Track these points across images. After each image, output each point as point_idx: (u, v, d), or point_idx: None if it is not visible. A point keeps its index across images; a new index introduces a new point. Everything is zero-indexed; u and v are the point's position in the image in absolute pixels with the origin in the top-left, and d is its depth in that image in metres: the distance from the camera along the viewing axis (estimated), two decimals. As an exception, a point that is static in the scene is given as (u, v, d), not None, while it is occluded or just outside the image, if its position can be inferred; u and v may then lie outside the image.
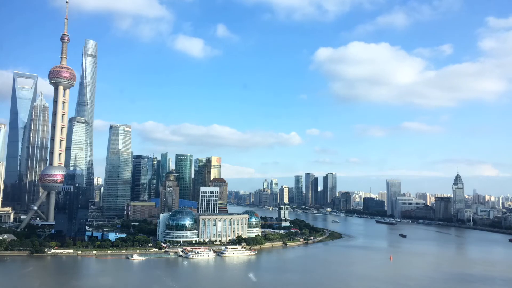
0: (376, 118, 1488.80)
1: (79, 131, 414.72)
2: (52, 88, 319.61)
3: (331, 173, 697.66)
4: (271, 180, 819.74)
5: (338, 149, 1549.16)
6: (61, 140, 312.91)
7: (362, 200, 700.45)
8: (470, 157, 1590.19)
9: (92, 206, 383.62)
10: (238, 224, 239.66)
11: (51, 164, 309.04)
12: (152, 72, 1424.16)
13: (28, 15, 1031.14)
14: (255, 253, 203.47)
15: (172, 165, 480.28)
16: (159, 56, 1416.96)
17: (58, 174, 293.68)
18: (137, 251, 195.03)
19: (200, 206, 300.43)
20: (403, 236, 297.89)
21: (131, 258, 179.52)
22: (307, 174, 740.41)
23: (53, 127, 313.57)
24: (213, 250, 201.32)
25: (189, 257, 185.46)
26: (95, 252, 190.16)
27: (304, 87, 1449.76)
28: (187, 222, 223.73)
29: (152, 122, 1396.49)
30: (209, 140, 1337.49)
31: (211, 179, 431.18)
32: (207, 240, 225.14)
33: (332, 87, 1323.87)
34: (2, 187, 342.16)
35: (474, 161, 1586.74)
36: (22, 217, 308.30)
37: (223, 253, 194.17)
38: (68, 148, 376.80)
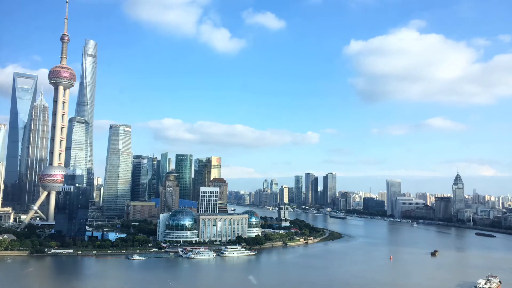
0: (400, 116, 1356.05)
1: (79, 131, 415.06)
2: (52, 88, 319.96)
3: (331, 173, 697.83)
4: (271, 180, 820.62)
5: (354, 148, 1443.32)
6: (61, 140, 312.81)
7: (362, 200, 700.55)
8: (483, 157, 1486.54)
9: (92, 206, 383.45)
10: (238, 224, 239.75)
11: (51, 164, 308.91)
12: (171, 66, 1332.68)
13: (28, 12, 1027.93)
14: (255, 253, 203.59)
15: (172, 165, 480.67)
16: (179, 48, 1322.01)
17: (58, 174, 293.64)
18: (137, 251, 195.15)
19: (200, 206, 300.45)
20: (434, 254, 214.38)
21: (131, 258, 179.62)
22: (307, 174, 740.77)
23: (53, 127, 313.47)
24: (213, 250, 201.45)
25: (190, 257, 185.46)
26: (95, 252, 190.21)
27: (327, 83, 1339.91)
28: (187, 222, 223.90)
29: (169, 120, 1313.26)
30: (222, 139, 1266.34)
31: (211, 179, 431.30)
32: (207, 240, 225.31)
33: (356, 83, 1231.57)
34: (2, 187, 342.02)
35: (475, 161, 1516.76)
36: (22, 217, 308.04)
37: (223, 253, 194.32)
38: (68, 148, 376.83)
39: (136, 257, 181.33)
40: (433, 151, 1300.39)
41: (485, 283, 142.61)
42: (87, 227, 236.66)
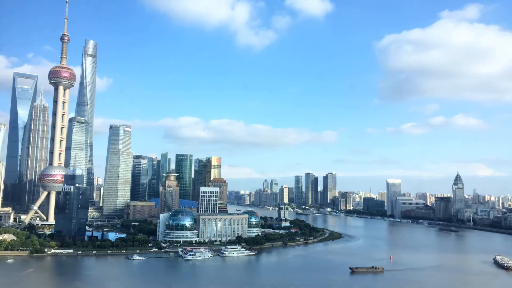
0: (421, 115, 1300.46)
1: (79, 131, 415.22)
2: (52, 88, 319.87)
3: (331, 173, 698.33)
4: (271, 180, 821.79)
5: (370, 148, 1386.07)
6: (61, 140, 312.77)
7: (362, 200, 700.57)
8: (499, 156, 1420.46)
9: (92, 206, 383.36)
10: (238, 224, 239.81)
11: (51, 164, 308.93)
12: (186, 62, 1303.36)
13: (28, 12, 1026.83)
14: (255, 253, 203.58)
15: (172, 165, 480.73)
16: (199, 43, 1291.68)
17: (58, 174, 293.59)
18: (137, 251, 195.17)
19: (200, 206, 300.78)
20: (353, 271, 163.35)
21: (131, 258, 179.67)
22: (307, 174, 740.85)
23: (53, 127, 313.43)
24: (213, 250, 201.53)
25: (187, 258, 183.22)
26: (95, 252, 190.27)
27: (351, 80, 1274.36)
28: (187, 222, 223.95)
29: (187, 118, 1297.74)
30: (238, 138, 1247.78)
31: (211, 179, 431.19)
32: (207, 240, 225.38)
33: (381, 81, 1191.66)
34: (2, 187, 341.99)
35: (472, 161, 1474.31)
36: (22, 217, 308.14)
37: (223, 253, 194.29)
38: (68, 148, 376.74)
39: (136, 257, 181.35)
40: (450, 150, 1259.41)
41: (501, 259, 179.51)
42: (87, 227, 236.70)
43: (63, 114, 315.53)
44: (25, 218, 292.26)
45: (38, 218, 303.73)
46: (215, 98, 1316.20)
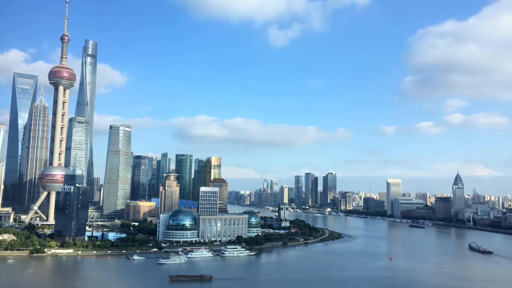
0: (438, 114, 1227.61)
1: (79, 131, 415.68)
2: (52, 88, 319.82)
3: (331, 173, 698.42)
4: (271, 180, 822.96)
5: (384, 147, 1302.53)
6: (61, 140, 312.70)
7: (362, 200, 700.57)
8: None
9: (92, 206, 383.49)
10: (238, 224, 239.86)
11: (51, 164, 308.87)
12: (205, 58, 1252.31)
13: (28, 12, 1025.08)
14: (255, 253, 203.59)
15: (172, 165, 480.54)
16: (219, 39, 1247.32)
17: (58, 174, 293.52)
18: (137, 251, 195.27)
19: (200, 206, 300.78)
20: None
21: (131, 258, 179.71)
22: (307, 174, 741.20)
23: (53, 127, 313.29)
24: (213, 250, 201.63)
25: (160, 262, 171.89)
26: (95, 252, 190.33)
27: (375, 79, 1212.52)
28: (187, 222, 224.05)
29: (204, 116, 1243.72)
30: (251, 137, 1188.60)
31: (211, 179, 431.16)
32: (207, 240, 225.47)
33: (405, 79, 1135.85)
34: (2, 187, 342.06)
35: (472, 161, 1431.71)
36: (22, 217, 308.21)
37: (223, 253, 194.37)
38: (68, 148, 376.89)
39: (136, 257, 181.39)
40: (462, 149, 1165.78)
41: (476, 245, 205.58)
42: (87, 227, 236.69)
43: (63, 114, 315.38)
44: (25, 218, 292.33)
45: (38, 218, 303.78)
46: (232, 96, 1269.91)
